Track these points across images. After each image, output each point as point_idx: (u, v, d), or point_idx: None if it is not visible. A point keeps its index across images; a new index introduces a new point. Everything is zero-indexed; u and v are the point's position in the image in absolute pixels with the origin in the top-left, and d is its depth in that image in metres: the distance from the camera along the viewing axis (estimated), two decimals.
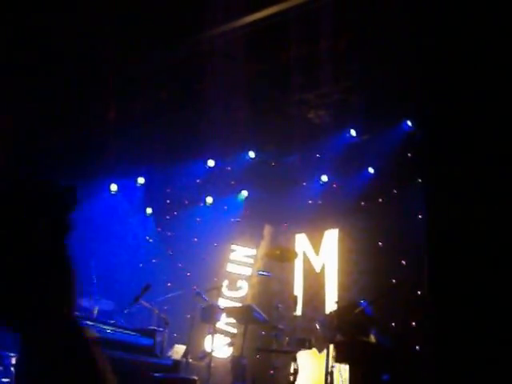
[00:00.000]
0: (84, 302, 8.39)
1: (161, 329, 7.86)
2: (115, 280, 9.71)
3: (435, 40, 5.96)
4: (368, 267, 9.04)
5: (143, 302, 7.69)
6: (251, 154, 10.33)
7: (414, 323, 7.94)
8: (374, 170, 9.47)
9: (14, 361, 7.87)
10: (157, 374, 5.88)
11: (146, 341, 6.31)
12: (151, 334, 6.68)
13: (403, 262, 8.50)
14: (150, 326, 8.10)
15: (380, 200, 9.31)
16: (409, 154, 8.71)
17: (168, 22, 7.51)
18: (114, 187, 10.88)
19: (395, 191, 9.07)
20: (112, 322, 6.95)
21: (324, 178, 10.07)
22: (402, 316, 7.95)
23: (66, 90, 8.58)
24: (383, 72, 7.82)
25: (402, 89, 7.70)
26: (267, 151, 10.20)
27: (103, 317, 7.57)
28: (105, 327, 5.95)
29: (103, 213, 10.43)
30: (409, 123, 8.69)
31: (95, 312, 8.15)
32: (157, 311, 8.19)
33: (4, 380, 7.99)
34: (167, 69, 8.56)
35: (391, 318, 7.99)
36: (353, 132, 9.27)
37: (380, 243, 9.00)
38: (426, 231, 5.69)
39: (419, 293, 7.90)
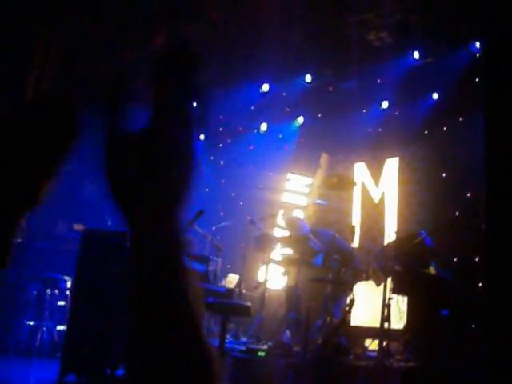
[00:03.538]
0: None
1: (214, 258, 8.16)
2: None
3: None
4: (429, 198, 9.06)
5: (196, 228, 7.97)
6: (308, 78, 10.33)
7: (477, 259, 7.95)
8: (439, 96, 9.38)
9: (69, 284, 8.39)
10: (211, 299, 6.20)
11: (199, 266, 6.62)
12: (204, 260, 6.98)
13: (468, 195, 8.47)
14: (204, 253, 8.40)
15: (444, 128, 9.24)
16: (477, 79, 8.55)
17: None
18: None
19: (461, 119, 8.96)
20: None
21: (385, 105, 10.06)
22: (465, 251, 7.96)
23: (115, 13, 8.70)
24: None
25: (471, 6, 7.52)
26: (325, 76, 10.18)
27: None
28: None
29: None
30: (477, 45, 8.50)
31: None
32: (210, 237, 8.48)
33: (60, 303, 8.54)
34: None
35: (453, 252, 8.02)
36: (416, 55, 9.16)
37: (443, 174, 8.96)
38: (486, 161, 5.65)
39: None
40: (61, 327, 8.13)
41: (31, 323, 8.13)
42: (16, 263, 8.36)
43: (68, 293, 8.49)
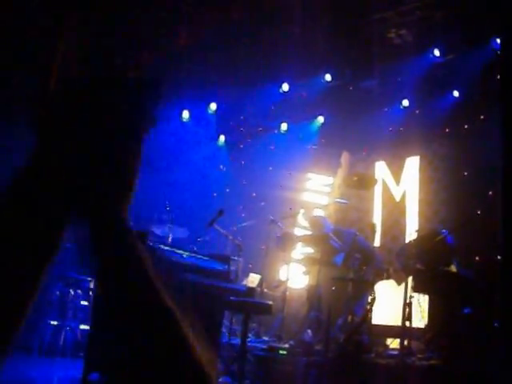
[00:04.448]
0: (158, 230, 8.85)
1: (235, 257, 8.23)
2: (189, 209, 10.12)
3: None
4: (451, 197, 9.06)
5: (217, 227, 8.04)
6: (328, 77, 10.34)
7: (499, 257, 7.91)
8: (460, 94, 9.35)
9: (91, 285, 8.51)
10: (232, 298, 6.26)
11: (220, 266, 6.68)
12: (226, 259, 7.04)
13: (490, 193, 8.44)
14: (225, 253, 8.47)
15: (465, 126, 9.21)
16: (498, 76, 8.51)
17: None
18: (185, 114, 11.19)
19: (482, 117, 8.93)
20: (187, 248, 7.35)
21: (405, 103, 10.04)
22: (487, 249, 7.94)
23: (136, 13, 8.79)
24: None
25: (491, 2, 7.49)
26: (344, 74, 10.19)
27: (177, 244, 7.99)
28: (180, 252, 6.35)
29: (175, 141, 10.75)
30: (498, 41, 8.46)
31: (169, 239, 8.59)
32: (231, 237, 8.56)
33: (83, 303, 8.67)
34: None
35: (475, 250, 8.01)
36: (436, 52, 9.11)
37: (465, 172, 8.94)
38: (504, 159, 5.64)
39: None
40: (84, 326, 8.26)
41: (55, 323, 8.26)
42: None
43: (90, 293, 8.62)
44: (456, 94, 9.37)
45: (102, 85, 0.89)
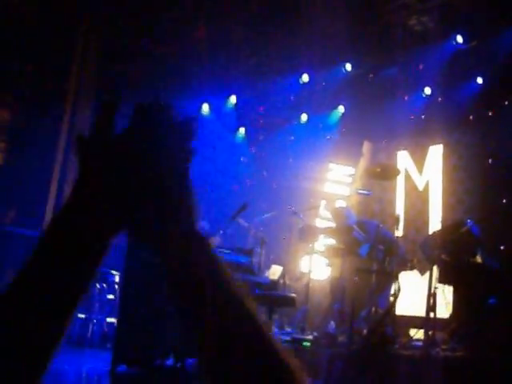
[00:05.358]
0: None
1: (258, 249, 8.32)
2: (209, 201, 10.21)
3: None
4: (475, 186, 9.04)
5: (240, 221, 8.13)
6: (348, 67, 10.36)
7: None
8: (483, 80, 9.29)
9: (117, 278, 8.68)
10: (256, 291, 6.37)
11: (243, 259, 6.77)
12: (248, 252, 7.13)
13: None
14: (247, 246, 8.57)
15: (489, 113, 9.18)
16: None
17: None
18: (205, 108, 11.27)
19: (506, 103, 8.91)
20: None
21: (427, 91, 10.02)
22: None
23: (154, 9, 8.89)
24: None
25: None
26: (365, 63, 10.19)
27: None
28: None
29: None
30: None
31: None
32: (253, 230, 8.64)
33: (109, 296, 8.86)
34: None
35: (500, 240, 8.02)
36: (459, 38, 9.08)
37: (489, 160, 8.93)
38: None
39: None
40: (110, 319, 8.47)
41: (82, 316, 8.46)
42: None
43: (116, 286, 8.81)
44: (479, 80, 9.31)
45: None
